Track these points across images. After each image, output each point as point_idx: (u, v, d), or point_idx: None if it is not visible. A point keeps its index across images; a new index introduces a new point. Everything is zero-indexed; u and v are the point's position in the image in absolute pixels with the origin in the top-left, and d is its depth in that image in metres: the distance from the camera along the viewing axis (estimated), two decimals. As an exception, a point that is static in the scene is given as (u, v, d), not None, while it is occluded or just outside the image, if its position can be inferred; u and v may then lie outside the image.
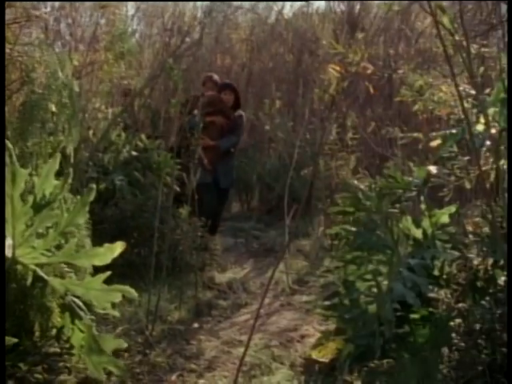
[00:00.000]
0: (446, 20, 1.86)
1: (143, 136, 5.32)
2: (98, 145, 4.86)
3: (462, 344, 1.94)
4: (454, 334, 2.01)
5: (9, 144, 1.65)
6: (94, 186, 1.87)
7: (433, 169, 3.15)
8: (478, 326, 1.97)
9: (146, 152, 5.14)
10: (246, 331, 3.64)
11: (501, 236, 2.42)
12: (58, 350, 1.85)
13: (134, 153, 5.07)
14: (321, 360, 2.97)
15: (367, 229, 2.64)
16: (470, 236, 2.63)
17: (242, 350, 3.26)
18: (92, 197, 1.83)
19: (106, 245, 1.73)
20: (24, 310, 1.81)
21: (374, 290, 2.50)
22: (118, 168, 4.83)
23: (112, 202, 4.60)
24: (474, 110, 2.70)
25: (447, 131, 2.65)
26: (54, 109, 2.24)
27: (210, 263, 4.67)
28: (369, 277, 2.53)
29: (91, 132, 5.15)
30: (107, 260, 1.74)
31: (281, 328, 3.66)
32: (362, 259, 2.57)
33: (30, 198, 1.69)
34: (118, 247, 1.76)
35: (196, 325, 3.66)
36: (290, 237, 4.46)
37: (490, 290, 2.13)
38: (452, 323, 2.09)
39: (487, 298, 2.02)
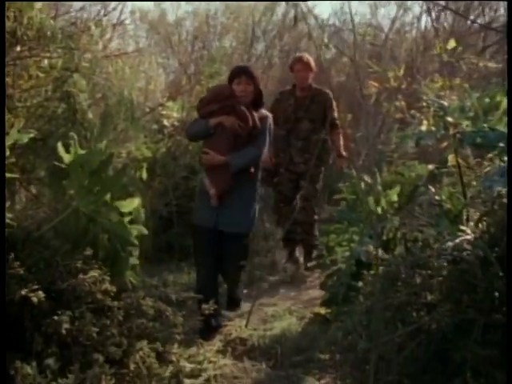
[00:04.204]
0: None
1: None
2: (189, 148, 5.97)
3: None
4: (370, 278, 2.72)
5: (74, 136, 2.72)
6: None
7: (430, 166, 3.82)
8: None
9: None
10: (280, 298, 4.51)
11: (443, 212, 3.09)
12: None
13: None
14: (323, 313, 3.74)
15: (349, 208, 3.41)
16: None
17: (271, 308, 4.15)
18: (125, 173, 2.82)
19: (128, 199, 2.72)
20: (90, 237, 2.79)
21: (347, 253, 3.27)
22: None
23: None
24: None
25: (403, 133, 3.32)
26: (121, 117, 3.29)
27: (270, 250, 5.56)
28: (345, 243, 3.30)
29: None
30: (129, 208, 2.72)
31: (311, 297, 4.45)
32: (340, 230, 3.34)
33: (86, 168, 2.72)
34: (136, 201, 2.74)
35: (245, 291, 4.57)
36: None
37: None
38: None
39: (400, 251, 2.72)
